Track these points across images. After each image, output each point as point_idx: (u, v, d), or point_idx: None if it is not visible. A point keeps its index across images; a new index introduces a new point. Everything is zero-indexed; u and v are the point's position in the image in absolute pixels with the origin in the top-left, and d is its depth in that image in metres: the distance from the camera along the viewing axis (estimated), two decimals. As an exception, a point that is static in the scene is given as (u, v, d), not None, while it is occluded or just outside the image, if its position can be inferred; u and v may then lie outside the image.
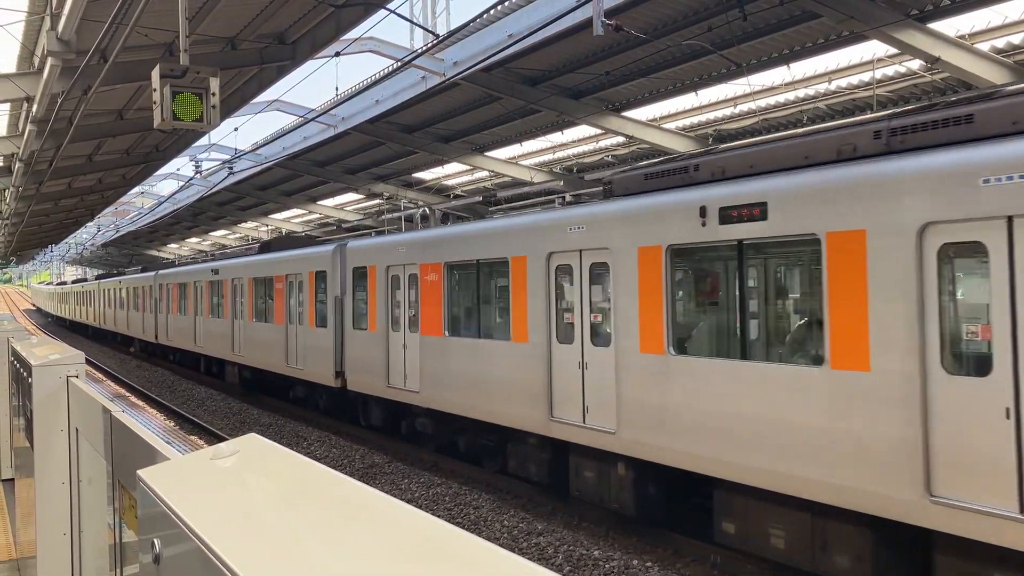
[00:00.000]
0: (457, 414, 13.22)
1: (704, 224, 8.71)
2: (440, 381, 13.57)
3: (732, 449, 8.37)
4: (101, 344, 47.48)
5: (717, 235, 8.59)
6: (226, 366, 24.80)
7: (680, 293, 9.58)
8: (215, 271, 24.74)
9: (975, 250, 6.60)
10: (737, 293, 8.65)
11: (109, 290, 42.75)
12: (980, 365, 6.48)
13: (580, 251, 10.65)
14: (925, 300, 6.75)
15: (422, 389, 14.03)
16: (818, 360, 7.70)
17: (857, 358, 7.25)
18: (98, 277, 53.35)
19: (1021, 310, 6.18)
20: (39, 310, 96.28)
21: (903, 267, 6.91)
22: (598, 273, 10.48)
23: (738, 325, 8.68)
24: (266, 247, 23.13)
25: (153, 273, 32.99)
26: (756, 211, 8.19)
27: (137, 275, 36.16)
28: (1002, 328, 6.25)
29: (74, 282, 62.23)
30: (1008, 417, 6.19)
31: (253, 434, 1.90)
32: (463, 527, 10.97)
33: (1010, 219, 6.30)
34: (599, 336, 10.46)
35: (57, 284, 79.13)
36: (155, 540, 1.57)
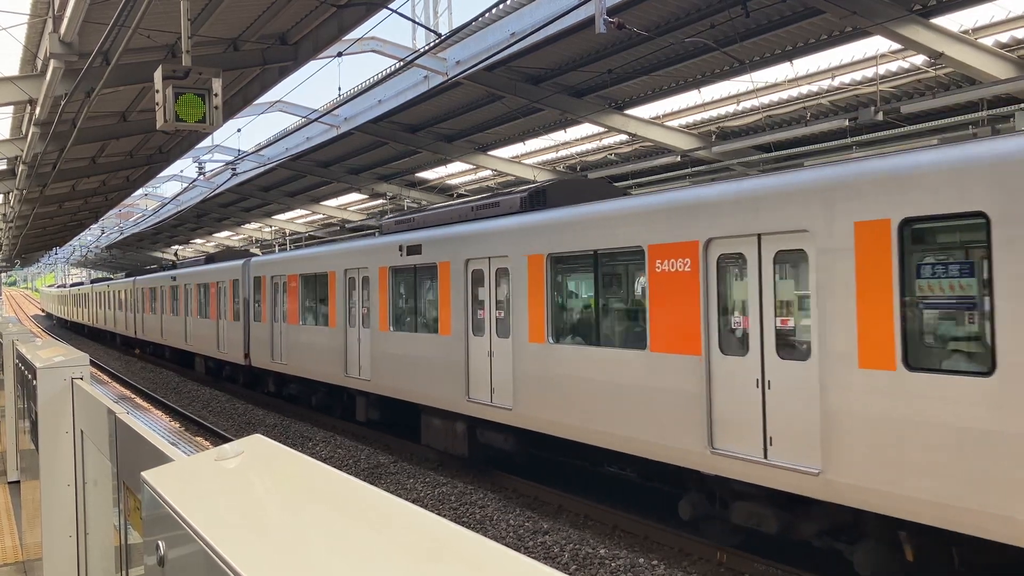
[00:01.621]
0: (304, 376, 19.10)
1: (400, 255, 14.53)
2: (297, 355, 19.30)
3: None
4: (107, 347, 47.56)
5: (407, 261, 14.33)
6: (187, 355, 31.42)
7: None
8: (173, 277, 31.32)
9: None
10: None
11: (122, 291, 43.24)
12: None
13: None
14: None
15: (288, 362, 19.73)
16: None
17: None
18: (93, 281, 56.69)
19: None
20: (48, 315, 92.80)
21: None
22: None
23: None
24: (210, 259, 29.15)
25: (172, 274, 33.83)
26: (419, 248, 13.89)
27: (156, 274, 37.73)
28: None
29: (93, 282, 57.01)
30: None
31: (258, 435, 1.90)
32: (469, 526, 10.98)
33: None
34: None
35: (71, 285, 72.51)
36: (160, 542, 1.56)
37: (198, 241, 55.92)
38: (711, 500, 9.36)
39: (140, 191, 35.84)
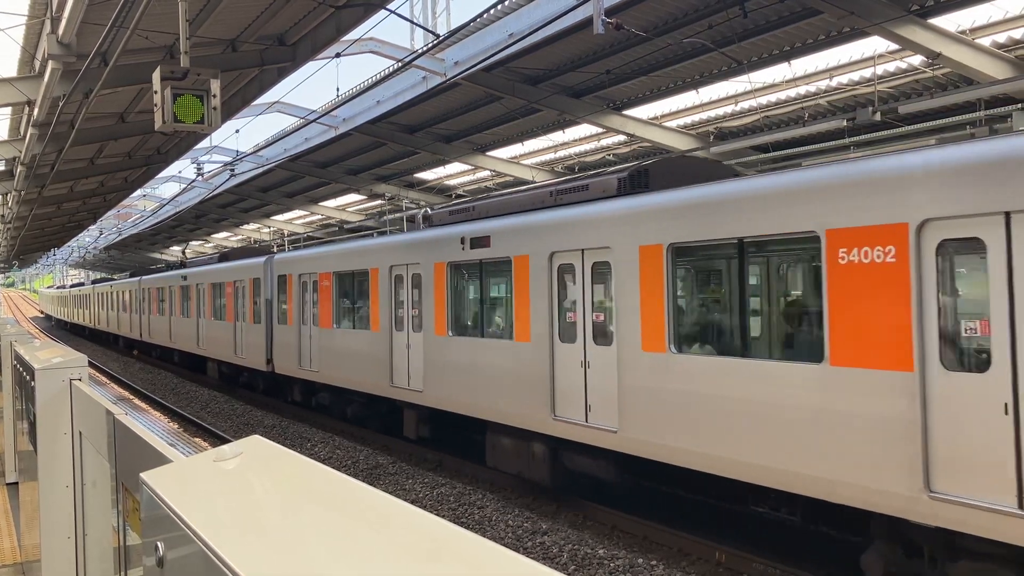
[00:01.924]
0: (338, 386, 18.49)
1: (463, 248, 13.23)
2: (331, 362, 18.47)
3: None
4: (105, 347, 47.53)
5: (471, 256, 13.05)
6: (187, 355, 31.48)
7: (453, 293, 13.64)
8: (184, 277, 29.80)
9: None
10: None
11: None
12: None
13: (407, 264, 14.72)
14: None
15: (321, 369, 18.46)
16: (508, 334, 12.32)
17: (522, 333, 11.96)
18: (94, 282, 54.22)
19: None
20: (48, 317, 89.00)
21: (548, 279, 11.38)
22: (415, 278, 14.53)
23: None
24: (224, 257, 28.33)
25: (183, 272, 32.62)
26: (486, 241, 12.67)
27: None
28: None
29: (95, 282, 54.65)
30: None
31: (256, 436, 1.90)
32: (467, 527, 10.98)
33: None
34: (417, 323, 14.45)
35: (72, 286, 68.87)
36: (159, 543, 1.56)
37: (195, 242, 55.90)
38: (910, 553, 7.55)
39: (138, 192, 35.86)
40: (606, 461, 10.63)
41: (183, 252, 40.55)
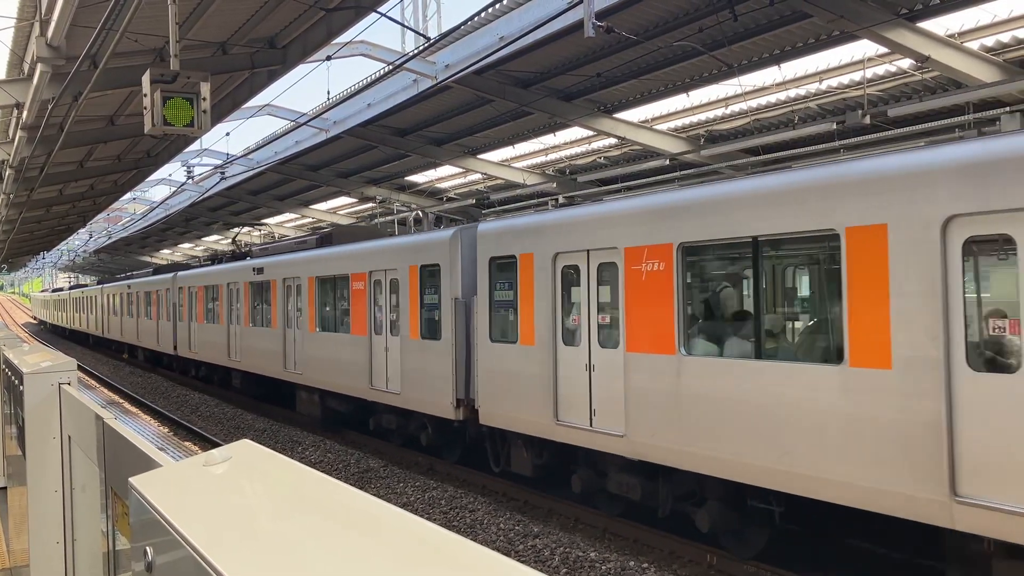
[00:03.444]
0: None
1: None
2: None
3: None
4: (95, 351, 47.32)
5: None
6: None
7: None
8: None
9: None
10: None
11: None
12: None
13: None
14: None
15: (200, 351, 24.90)
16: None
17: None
18: (100, 282, 48.62)
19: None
20: (42, 323, 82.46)
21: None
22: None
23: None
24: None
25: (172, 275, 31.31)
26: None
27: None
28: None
29: (101, 283, 47.83)
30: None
31: (246, 440, 1.89)
32: (459, 531, 10.98)
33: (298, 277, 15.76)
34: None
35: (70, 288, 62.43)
36: (148, 548, 1.55)
37: (185, 245, 55.75)
38: None
39: (128, 195, 35.73)
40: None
41: (234, 240, 33.32)
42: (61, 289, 70.39)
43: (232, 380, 24.16)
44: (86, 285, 57.45)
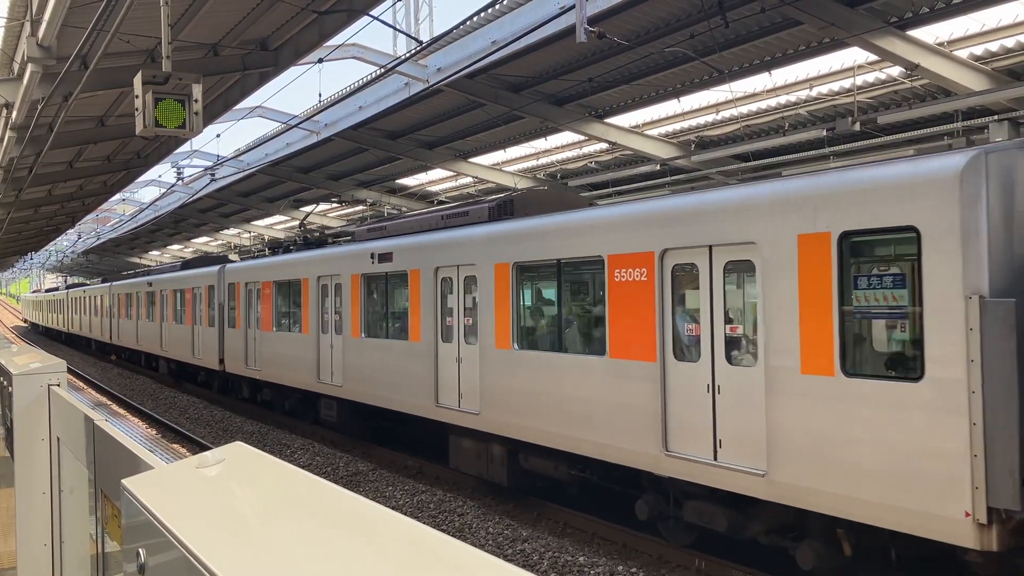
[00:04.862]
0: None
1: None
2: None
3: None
4: (83, 352, 47.09)
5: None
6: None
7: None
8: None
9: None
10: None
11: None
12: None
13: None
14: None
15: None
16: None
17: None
18: (105, 281, 43.70)
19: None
20: (34, 326, 75.87)
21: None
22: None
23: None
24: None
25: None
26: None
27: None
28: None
29: (106, 281, 42.89)
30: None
31: (238, 442, 1.89)
32: (448, 534, 10.92)
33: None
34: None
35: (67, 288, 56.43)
36: (140, 549, 1.56)
37: (174, 247, 55.56)
38: None
39: (118, 196, 35.59)
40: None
41: (302, 225, 23.95)
42: (56, 289, 65.68)
43: (321, 410, 17.55)
44: (86, 283, 53.18)
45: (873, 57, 12.88)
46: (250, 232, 42.08)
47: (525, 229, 11.60)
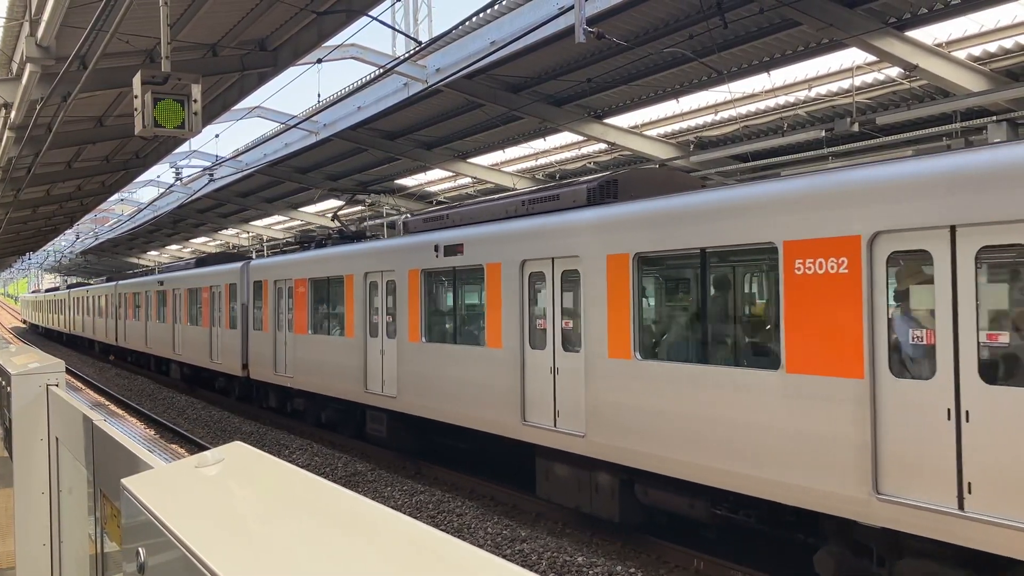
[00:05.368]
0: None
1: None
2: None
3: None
4: (81, 352, 47.05)
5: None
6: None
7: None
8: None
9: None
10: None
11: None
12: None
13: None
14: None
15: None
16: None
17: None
18: (110, 279, 42.91)
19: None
20: (33, 327, 73.63)
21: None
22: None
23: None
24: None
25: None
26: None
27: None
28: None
29: (110, 279, 42.68)
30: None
31: (238, 442, 1.90)
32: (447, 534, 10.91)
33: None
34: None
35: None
36: (140, 549, 1.56)
37: (173, 247, 55.54)
38: None
39: (116, 196, 35.56)
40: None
41: (335, 217, 22.37)
42: (56, 288, 64.02)
43: (367, 423, 15.73)
44: (88, 283, 51.27)
45: (872, 58, 12.89)
46: (248, 232, 42.07)
47: (651, 212, 9.39)
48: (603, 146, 19.32)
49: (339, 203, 31.39)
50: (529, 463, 11.74)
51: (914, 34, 12.05)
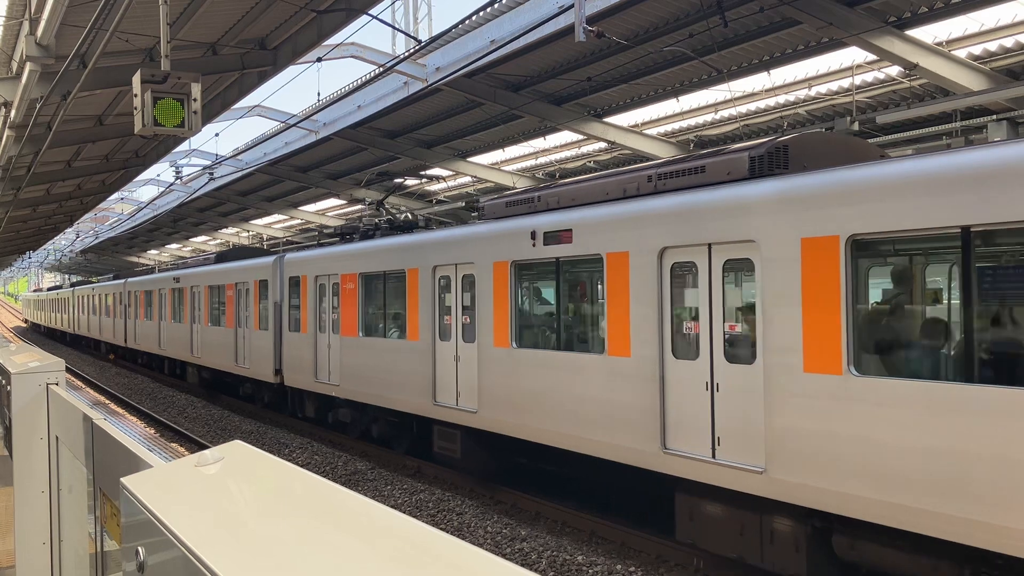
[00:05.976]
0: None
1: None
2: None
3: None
4: (81, 351, 47.05)
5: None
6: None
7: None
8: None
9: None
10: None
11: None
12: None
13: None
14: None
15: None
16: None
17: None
18: (117, 277, 39.79)
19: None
20: (35, 327, 70.63)
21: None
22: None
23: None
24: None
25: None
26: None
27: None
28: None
29: (117, 278, 39.39)
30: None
31: (238, 441, 1.89)
32: (447, 533, 10.91)
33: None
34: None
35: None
36: (139, 548, 1.55)
37: (172, 246, 55.55)
38: None
39: (116, 195, 35.59)
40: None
41: (380, 206, 18.39)
42: (59, 287, 62.36)
43: (435, 440, 13.41)
44: (91, 281, 49.35)
45: (872, 57, 12.89)
46: (248, 231, 42.08)
47: (874, 180, 6.96)
48: (603, 145, 19.32)
49: (340, 202, 31.41)
50: (667, 503, 9.54)
51: (914, 33, 12.05)
